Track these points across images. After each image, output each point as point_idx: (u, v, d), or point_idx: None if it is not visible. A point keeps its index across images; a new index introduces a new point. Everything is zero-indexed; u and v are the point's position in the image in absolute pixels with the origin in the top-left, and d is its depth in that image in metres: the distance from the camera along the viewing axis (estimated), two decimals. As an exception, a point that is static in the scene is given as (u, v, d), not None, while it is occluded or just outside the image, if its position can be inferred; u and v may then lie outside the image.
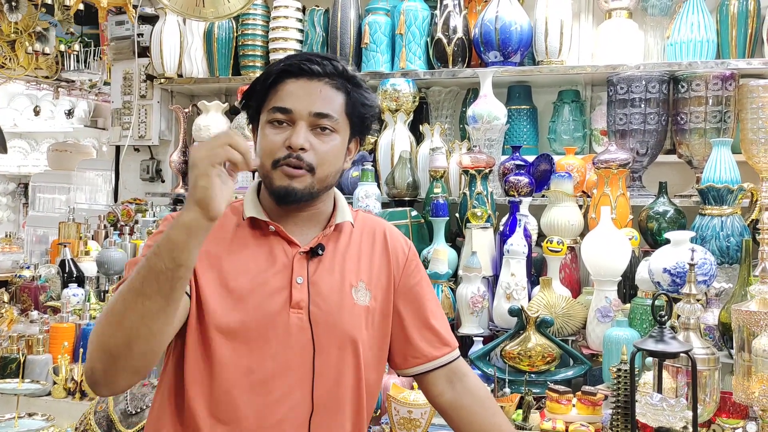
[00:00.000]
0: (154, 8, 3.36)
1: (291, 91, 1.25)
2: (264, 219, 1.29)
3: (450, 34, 2.87)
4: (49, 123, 6.02)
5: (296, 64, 1.26)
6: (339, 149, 1.29)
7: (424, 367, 1.42)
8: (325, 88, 1.26)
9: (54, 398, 2.28)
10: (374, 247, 1.39)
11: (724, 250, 2.27)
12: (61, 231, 3.23)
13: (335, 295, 1.29)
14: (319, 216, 1.34)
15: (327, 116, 1.25)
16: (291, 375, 1.24)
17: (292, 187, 1.24)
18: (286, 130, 1.25)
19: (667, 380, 1.67)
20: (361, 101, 1.30)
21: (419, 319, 1.41)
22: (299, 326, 1.24)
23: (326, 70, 1.26)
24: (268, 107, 1.27)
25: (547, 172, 2.72)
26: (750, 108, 2.50)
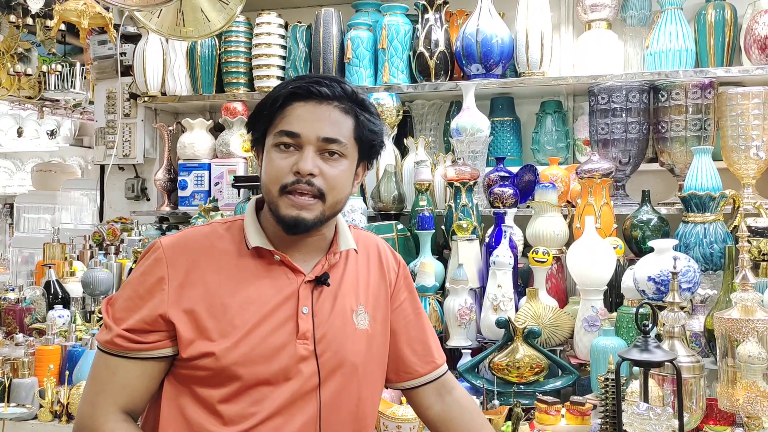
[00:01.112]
0: (137, 27, 3.36)
1: (299, 115, 1.22)
2: (269, 248, 1.25)
3: (432, 47, 2.88)
4: (34, 143, 5.98)
5: (305, 87, 1.23)
6: (348, 174, 1.27)
7: (414, 381, 1.43)
8: (334, 112, 1.23)
9: (40, 422, 2.25)
10: (370, 267, 1.38)
11: (707, 257, 2.28)
12: (46, 252, 3.21)
13: (338, 322, 1.28)
14: (322, 242, 1.31)
15: (336, 141, 1.23)
16: (297, 405, 1.22)
17: (302, 217, 1.21)
18: (293, 155, 1.21)
19: (654, 389, 1.68)
20: (369, 126, 1.28)
21: (410, 335, 1.42)
22: (305, 356, 1.23)
23: (335, 93, 1.23)
24: (274, 130, 1.23)
25: (532, 183, 2.74)
26: (729, 115, 2.54)
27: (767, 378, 1.68)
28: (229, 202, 3.11)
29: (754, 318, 1.65)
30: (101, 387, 1.21)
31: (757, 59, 2.57)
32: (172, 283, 1.21)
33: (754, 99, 2.49)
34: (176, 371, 1.23)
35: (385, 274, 1.40)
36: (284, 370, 1.21)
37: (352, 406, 1.29)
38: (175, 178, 3.30)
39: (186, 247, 1.25)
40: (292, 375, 1.22)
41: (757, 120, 2.49)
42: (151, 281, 1.21)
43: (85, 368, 2.36)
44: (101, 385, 1.21)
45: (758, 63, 2.58)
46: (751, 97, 2.50)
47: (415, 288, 1.49)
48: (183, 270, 1.22)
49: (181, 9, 2.28)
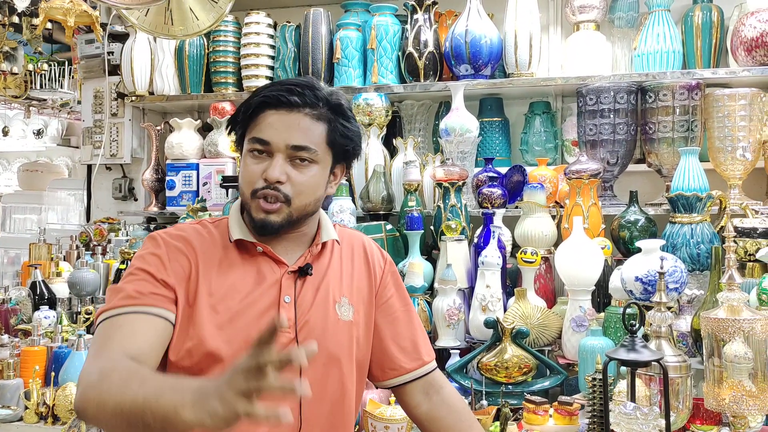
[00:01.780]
0: (124, 26, 3.34)
1: (270, 123, 1.25)
2: (251, 240, 1.29)
3: (421, 48, 2.89)
4: (20, 142, 5.94)
5: (275, 96, 1.25)
6: (318, 179, 1.29)
7: (401, 378, 1.43)
8: (305, 120, 1.26)
9: (26, 423, 2.23)
10: (354, 261, 1.40)
11: (694, 257, 2.30)
12: (32, 252, 3.18)
13: (320, 312, 1.30)
14: (304, 237, 1.35)
15: (305, 149, 1.25)
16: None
17: (269, 220, 1.25)
18: (265, 161, 1.25)
19: (641, 388, 1.68)
20: (342, 131, 1.29)
21: (396, 331, 1.43)
22: (286, 344, 1.24)
23: (306, 101, 1.25)
24: (248, 136, 1.28)
25: (520, 184, 2.74)
26: (716, 117, 2.56)
27: (753, 377, 1.69)
28: (217, 203, 3.10)
29: (741, 318, 1.66)
30: (104, 342, 1.17)
31: (744, 61, 2.59)
32: (171, 263, 1.25)
33: (741, 100, 2.51)
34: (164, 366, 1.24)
35: (371, 269, 1.42)
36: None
37: (335, 397, 1.30)
38: (162, 178, 3.28)
39: (179, 237, 1.30)
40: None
41: (743, 121, 2.51)
42: (152, 260, 1.25)
43: (71, 369, 2.34)
44: (105, 341, 1.17)
45: (745, 65, 2.59)
46: (737, 98, 2.52)
47: (403, 285, 1.50)
48: (177, 252, 1.27)
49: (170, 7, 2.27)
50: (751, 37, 2.54)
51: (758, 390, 1.67)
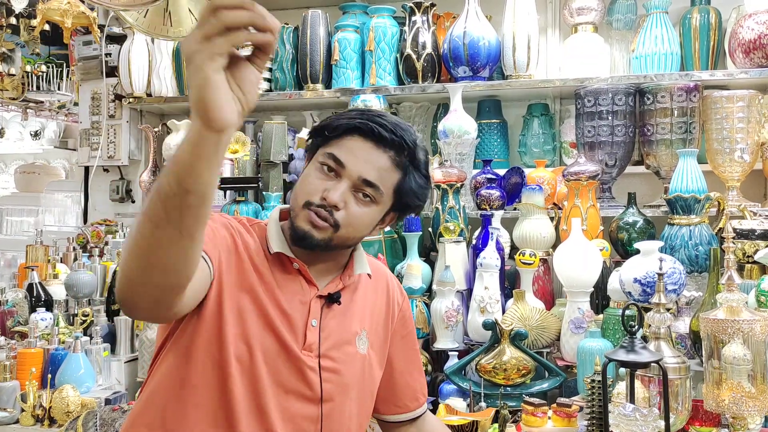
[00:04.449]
0: (122, 27, 3.33)
1: (352, 148, 1.24)
2: (290, 255, 1.27)
3: (419, 50, 2.88)
4: (17, 144, 5.93)
5: (370, 126, 1.24)
6: (372, 219, 1.28)
7: (403, 416, 1.47)
8: (386, 161, 1.25)
9: (22, 426, 2.22)
10: (377, 295, 1.40)
11: (693, 259, 2.30)
12: (29, 254, 3.17)
13: (343, 342, 1.29)
14: (336, 264, 1.33)
15: (374, 186, 1.24)
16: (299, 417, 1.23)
17: (312, 234, 1.23)
18: (330, 180, 1.24)
19: (640, 390, 1.68)
20: (413, 187, 1.28)
21: (407, 369, 1.46)
22: (310, 367, 1.24)
23: (395, 143, 1.24)
24: (325, 150, 1.25)
25: (518, 185, 2.74)
26: (714, 118, 2.56)
27: (752, 379, 1.68)
28: (215, 204, 3.08)
29: (740, 318, 1.66)
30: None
31: (742, 63, 2.59)
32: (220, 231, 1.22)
33: (739, 102, 2.51)
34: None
35: (390, 304, 1.42)
36: (289, 371, 1.22)
37: (349, 428, 1.31)
38: (160, 180, 3.27)
39: (225, 218, 1.28)
40: (296, 378, 1.22)
41: (741, 123, 2.51)
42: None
43: (67, 371, 2.34)
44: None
45: (743, 66, 2.59)
46: (735, 100, 2.52)
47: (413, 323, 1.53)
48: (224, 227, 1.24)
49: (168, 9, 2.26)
50: (749, 39, 2.54)
51: (757, 391, 1.66)
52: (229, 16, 0.79)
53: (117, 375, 2.54)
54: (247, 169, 3.06)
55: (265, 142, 2.98)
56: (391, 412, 1.46)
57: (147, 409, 1.22)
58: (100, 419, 2.00)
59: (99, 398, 2.29)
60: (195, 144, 0.84)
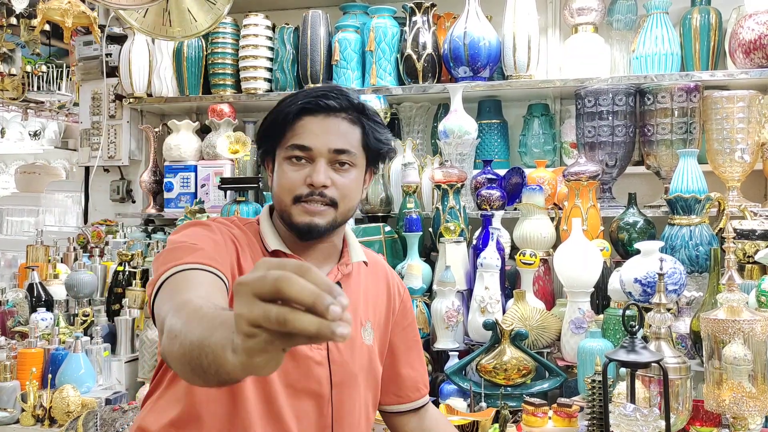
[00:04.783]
0: (122, 27, 3.33)
1: (309, 129, 1.25)
2: (287, 252, 1.27)
3: (420, 50, 2.88)
4: (18, 145, 5.93)
5: (314, 101, 1.26)
6: (358, 182, 1.30)
7: (405, 406, 1.47)
8: (343, 124, 1.27)
9: (22, 426, 2.22)
10: (378, 286, 1.41)
11: (693, 259, 2.30)
12: (29, 254, 3.17)
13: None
14: (332, 250, 1.34)
15: (346, 152, 1.26)
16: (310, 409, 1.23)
17: (315, 223, 1.24)
18: (305, 167, 1.25)
19: (641, 390, 1.68)
20: (376, 135, 1.31)
21: (408, 359, 1.46)
22: (318, 361, 1.24)
23: (342, 105, 1.27)
24: (286, 144, 1.26)
25: (519, 186, 2.74)
26: (714, 119, 2.56)
27: (752, 379, 1.68)
28: (215, 204, 3.09)
29: (740, 319, 1.66)
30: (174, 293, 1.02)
31: (742, 63, 2.59)
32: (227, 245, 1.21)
33: (739, 102, 2.51)
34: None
35: (391, 295, 1.42)
36: (298, 370, 1.22)
37: (359, 420, 1.31)
38: (160, 180, 3.28)
39: (228, 226, 1.27)
40: (306, 377, 1.22)
41: (741, 123, 2.51)
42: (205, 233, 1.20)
43: (68, 371, 2.34)
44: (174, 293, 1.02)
45: (743, 67, 2.60)
46: (735, 100, 2.52)
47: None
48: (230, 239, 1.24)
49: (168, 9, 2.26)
50: (749, 39, 2.54)
51: (758, 391, 1.66)
52: (299, 320, 0.61)
53: (117, 375, 2.54)
54: (247, 169, 3.06)
55: (266, 143, 2.98)
56: (392, 402, 1.46)
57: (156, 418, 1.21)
58: (101, 419, 2.00)
59: (99, 398, 2.29)
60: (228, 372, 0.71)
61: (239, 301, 0.63)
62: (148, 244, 3.06)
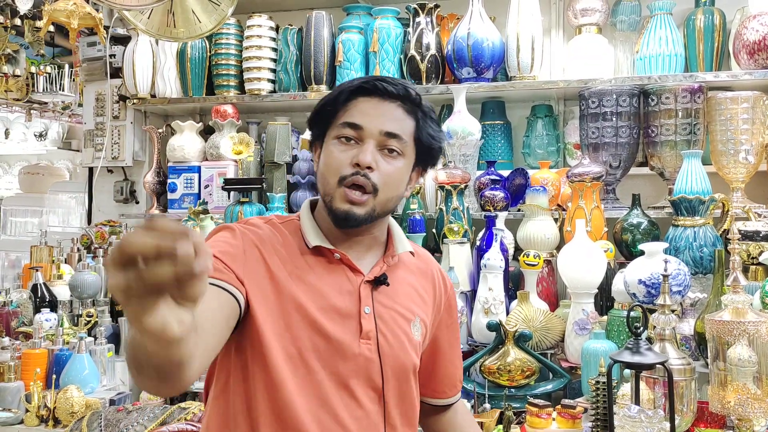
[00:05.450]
0: (126, 29, 3.34)
1: (363, 109, 1.24)
2: (329, 247, 1.25)
3: (423, 51, 2.89)
4: (21, 146, 5.94)
5: (371, 83, 1.25)
6: (403, 173, 1.27)
7: (441, 401, 1.47)
8: (397, 110, 1.25)
9: (26, 426, 2.23)
10: (426, 280, 1.38)
11: (697, 261, 2.29)
12: (33, 255, 3.17)
13: (398, 327, 1.28)
14: (375, 242, 1.32)
15: (397, 137, 1.24)
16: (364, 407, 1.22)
17: (353, 212, 1.21)
18: (353, 148, 1.23)
19: (645, 391, 1.68)
20: (429, 130, 1.28)
21: (451, 357, 1.46)
22: (368, 357, 1.22)
23: (400, 93, 1.25)
24: (337, 123, 1.25)
25: (522, 187, 2.74)
26: (719, 120, 2.56)
27: (758, 381, 1.68)
28: (219, 205, 3.09)
29: (746, 320, 1.66)
30: None
31: (746, 64, 2.59)
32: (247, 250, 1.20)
33: (743, 103, 2.51)
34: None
35: (437, 290, 1.40)
36: (347, 367, 1.20)
37: (410, 413, 1.31)
38: (164, 181, 3.28)
39: (254, 228, 1.25)
40: (355, 373, 1.21)
41: (746, 124, 2.51)
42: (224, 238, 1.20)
43: (72, 372, 2.34)
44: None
45: (747, 68, 2.59)
46: (740, 101, 2.51)
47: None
48: (252, 244, 1.22)
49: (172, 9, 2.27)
50: (753, 40, 2.54)
51: (763, 393, 1.66)
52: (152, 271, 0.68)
53: (121, 376, 2.54)
54: (251, 170, 3.06)
55: (269, 143, 2.98)
56: (428, 395, 1.45)
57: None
58: (105, 420, 2.00)
59: (103, 399, 2.30)
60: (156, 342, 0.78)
61: (109, 278, 0.70)
62: (151, 244, 3.05)
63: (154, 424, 1.97)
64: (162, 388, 0.97)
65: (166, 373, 0.89)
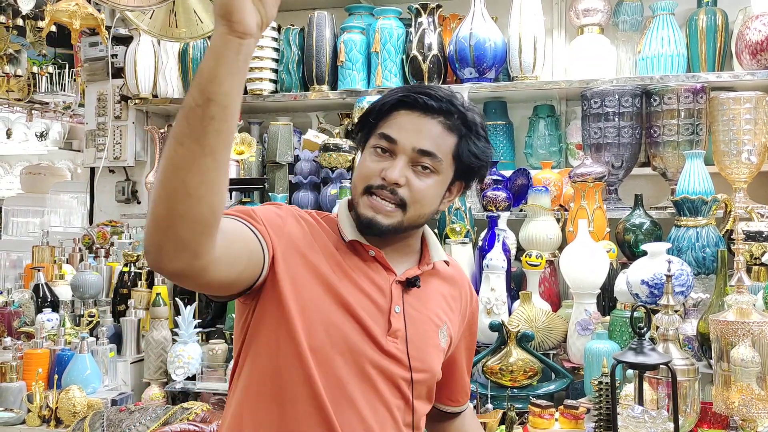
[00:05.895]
0: (128, 29, 3.34)
1: (401, 123, 1.22)
2: (364, 243, 1.25)
3: (425, 51, 2.88)
4: (22, 146, 5.94)
5: (413, 96, 1.23)
6: (436, 190, 1.25)
7: (451, 408, 1.48)
8: (437, 127, 1.22)
9: (28, 426, 2.23)
10: (456, 292, 1.38)
11: (700, 261, 2.29)
12: (35, 255, 3.17)
13: (426, 332, 1.28)
14: (410, 249, 1.32)
15: (430, 155, 1.22)
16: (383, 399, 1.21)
17: (377, 220, 1.21)
18: (386, 160, 1.22)
19: (648, 392, 1.68)
20: (472, 149, 1.25)
21: (466, 366, 1.46)
22: (394, 354, 1.22)
23: (443, 108, 1.23)
24: (377, 132, 1.25)
25: (525, 187, 2.74)
26: (721, 120, 2.55)
27: (762, 381, 1.68)
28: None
29: (750, 320, 1.66)
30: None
31: (749, 64, 2.59)
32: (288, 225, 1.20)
33: (746, 104, 2.51)
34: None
35: (464, 301, 1.40)
36: (372, 360, 1.19)
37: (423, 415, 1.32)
38: (166, 181, 3.27)
39: (299, 212, 1.26)
40: (380, 367, 1.20)
41: (748, 125, 2.51)
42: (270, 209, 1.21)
43: (74, 372, 2.34)
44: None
45: (749, 68, 2.59)
46: (742, 101, 2.51)
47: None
48: (296, 221, 1.22)
49: (174, 10, 2.26)
50: (755, 40, 2.54)
51: (767, 393, 1.66)
52: None
53: (123, 376, 2.54)
54: (252, 171, 3.06)
55: (271, 143, 2.98)
56: (442, 402, 1.46)
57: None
58: (107, 420, 2.00)
59: (105, 399, 2.30)
60: (217, 50, 0.90)
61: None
62: (153, 245, 3.05)
63: (157, 424, 1.97)
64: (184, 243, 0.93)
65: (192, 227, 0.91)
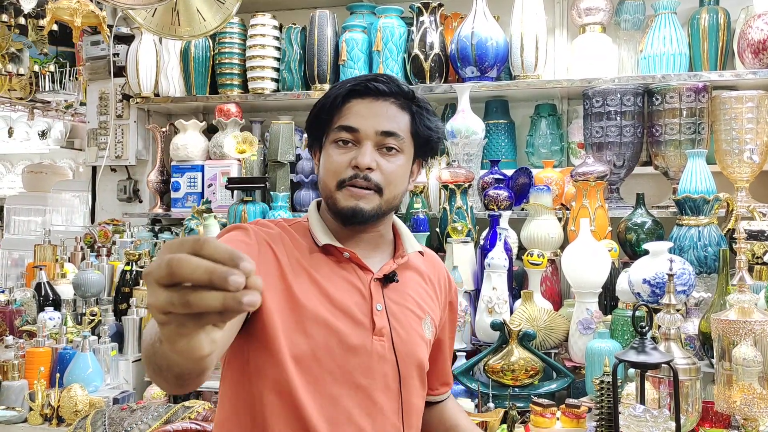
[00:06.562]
0: (130, 28, 3.34)
1: (357, 111, 1.24)
2: (338, 246, 1.25)
3: (427, 50, 2.88)
4: (24, 144, 5.94)
5: (362, 84, 1.25)
6: (404, 169, 1.28)
7: (436, 397, 1.46)
8: (391, 108, 1.25)
9: (30, 425, 2.22)
10: (434, 281, 1.39)
11: (702, 260, 2.29)
12: (37, 253, 3.17)
13: (410, 325, 1.28)
14: (383, 240, 1.32)
15: (393, 135, 1.24)
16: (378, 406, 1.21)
17: (360, 207, 1.22)
18: (351, 150, 1.23)
19: (650, 391, 1.67)
20: (426, 123, 1.29)
21: (446, 354, 1.46)
22: (382, 354, 1.22)
23: (392, 90, 1.26)
24: (333, 127, 1.25)
25: (526, 186, 2.74)
26: (723, 119, 2.55)
27: (764, 380, 1.68)
28: (222, 204, 3.09)
29: (752, 319, 1.66)
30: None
31: (751, 63, 2.59)
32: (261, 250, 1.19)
33: (748, 103, 2.50)
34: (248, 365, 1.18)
35: (444, 290, 1.41)
36: (360, 365, 1.19)
37: (420, 408, 1.31)
38: (167, 180, 3.28)
39: (266, 229, 1.25)
40: (368, 371, 1.20)
41: (750, 124, 2.50)
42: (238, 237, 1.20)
43: (76, 371, 2.34)
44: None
45: (751, 67, 2.59)
46: (744, 100, 2.51)
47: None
48: (265, 243, 1.21)
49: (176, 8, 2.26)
50: (758, 39, 2.53)
51: (768, 393, 1.66)
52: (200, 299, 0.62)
53: (125, 374, 2.54)
54: (254, 169, 3.06)
55: (273, 142, 2.98)
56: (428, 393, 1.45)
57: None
58: (109, 418, 2.00)
59: (107, 397, 2.30)
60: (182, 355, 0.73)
61: (149, 292, 0.65)
62: (155, 243, 3.06)
63: (158, 422, 1.97)
64: (179, 389, 0.96)
65: (186, 379, 0.89)
